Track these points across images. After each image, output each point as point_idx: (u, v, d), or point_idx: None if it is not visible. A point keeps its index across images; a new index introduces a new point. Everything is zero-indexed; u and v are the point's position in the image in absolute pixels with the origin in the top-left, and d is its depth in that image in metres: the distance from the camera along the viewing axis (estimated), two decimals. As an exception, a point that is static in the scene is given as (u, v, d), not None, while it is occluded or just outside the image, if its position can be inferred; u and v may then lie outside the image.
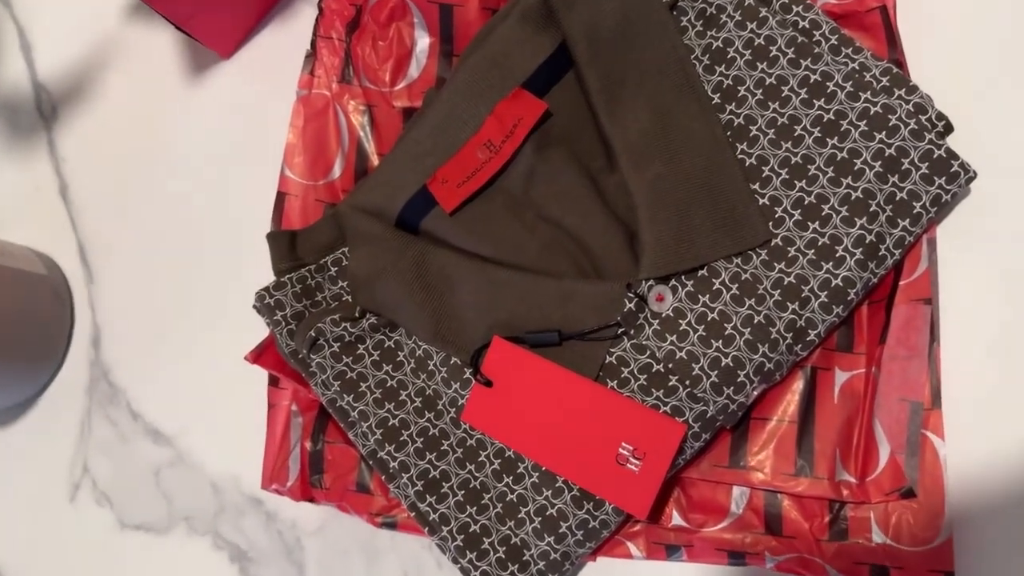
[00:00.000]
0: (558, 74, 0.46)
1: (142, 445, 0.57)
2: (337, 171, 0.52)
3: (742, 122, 0.44)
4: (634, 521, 0.44)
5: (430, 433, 0.45)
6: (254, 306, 0.47)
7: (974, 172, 0.41)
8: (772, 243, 0.42)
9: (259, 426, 0.52)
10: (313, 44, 0.52)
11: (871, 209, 0.41)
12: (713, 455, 0.44)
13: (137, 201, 0.58)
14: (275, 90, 0.55)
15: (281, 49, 0.56)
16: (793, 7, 0.45)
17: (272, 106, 0.54)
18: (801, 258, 0.42)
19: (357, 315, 0.46)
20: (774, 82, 0.44)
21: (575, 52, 0.44)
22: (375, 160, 0.51)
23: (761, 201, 0.43)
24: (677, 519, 0.44)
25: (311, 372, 0.47)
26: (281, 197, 0.51)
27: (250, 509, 0.54)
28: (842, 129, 0.42)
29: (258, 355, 0.49)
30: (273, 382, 0.51)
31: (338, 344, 0.46)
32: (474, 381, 0.43)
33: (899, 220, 0.41)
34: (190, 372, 0.54)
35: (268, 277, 0.49)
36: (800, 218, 0.42)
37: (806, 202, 0.42)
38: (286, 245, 0.48)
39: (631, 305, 0.41)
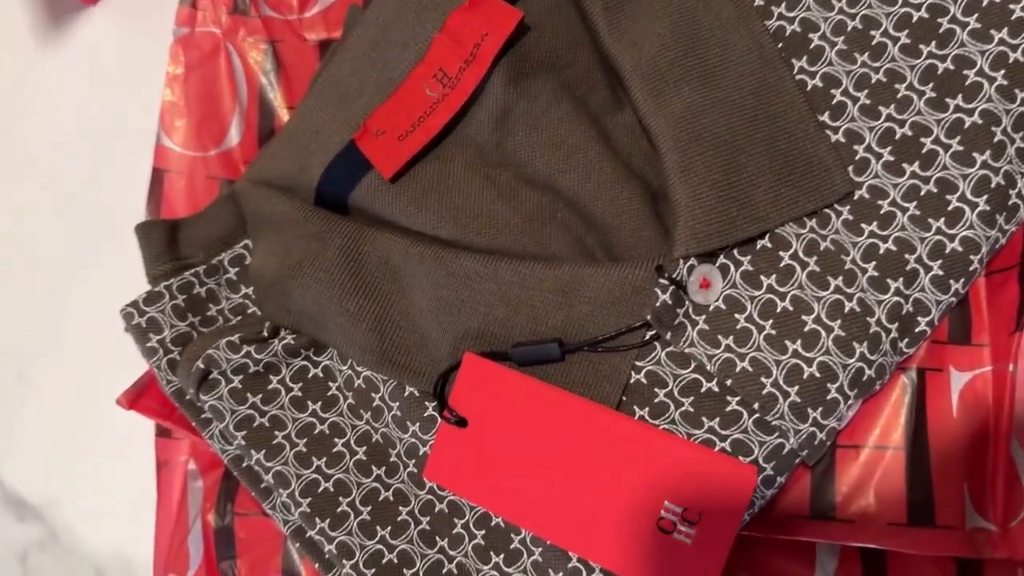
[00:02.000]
0: (534, -27, 0.33)
1: (2, 522, 0.41)
2: (234, 136, 0.38)
3: (797, 29, 0.31)
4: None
5: (380, 498, 0.31)
6: (124, 329, 0.33)
7: None
8: (856, 196, 0.29)
9: (150, 492, 0.38)
10: (193, -35, 0.38)
11: (995, 139, 0.29)
12: (788, 502, 0.31)
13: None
14: (153, 34, 0.40)
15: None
16: None
17: (151, 55, 0.40)
18: (899, 215, 0.29)
19: (266, 334, 0.32)
20: (838, -29, 0.31)
21: (556, -60, 0.31)
22: (285, 116, 0.38)
23: (834, 138, 0.30)
24: (740, 596, 0.31)
25: (204, 419, 0.33)
26: (158, 175, 0.38)
27: (146, 603, 0.39)
28: (941, 30, 0.30)
29: (136, 397, 0.35)
30: (162, 432, 0.37)
31: (240, 377, 0.32)
32: (439, 419, 0.30)
33: (1037, 151, 0.29)
34: (59, 422, 0.42)
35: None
36: (892, 159, 0.29)
37: (898, 135, 0.29)
38: (163, 240, 0.34)
39: (665, 296, 0.28)
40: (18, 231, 0.43)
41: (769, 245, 0.29)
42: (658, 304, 0.28)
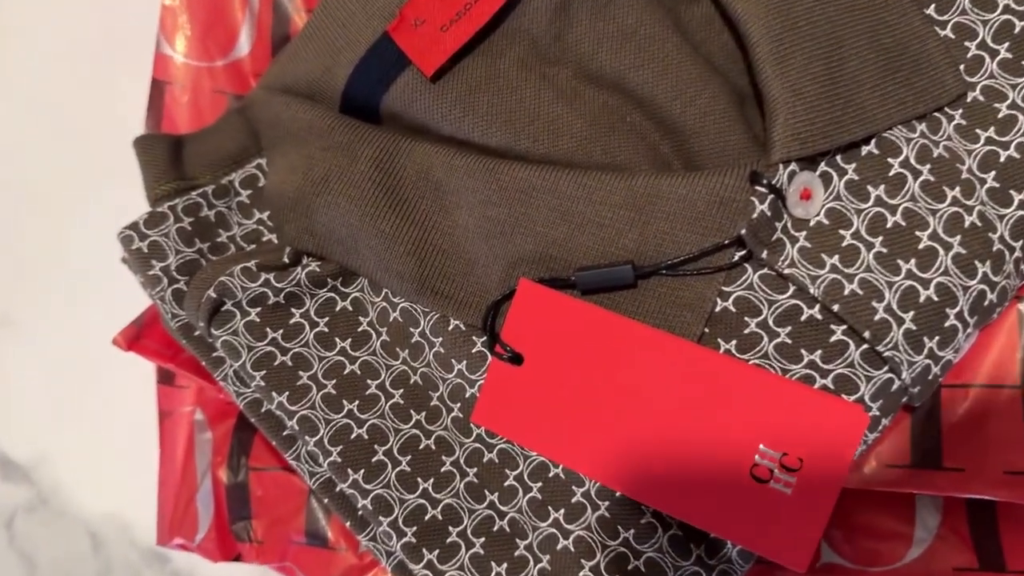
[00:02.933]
0: None
1: (-14, 483, 0.39)
2: (244, 44, 0.33)
3: (899, -98, 0.27)
4: (759, 565, 0.28)
5: (421, 446, 0.27)
6: (122, 258, 0.29)
7: None
8: (968, 98, 0.25)
9: (152, 447, 0.34)
10: None
11: None
12: (885, 449, 0.27)
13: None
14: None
15: None
16: None
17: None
18: (1021, 118, 0.25)
19: (287, 260, 0.28)
20: None
21: None
22: (302, 20, 0.33)
23: (942, 33, 0.26)
24: (829, 555, 0.27)
25: (215, 359, 0.28)
26: (159, 87, 0.33)
27: (148, 570, 0.36)
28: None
29: (135, 336, 0.31)
30: (165, 379, 0.33)
31: (257, 309, 0.28)
32: (490, 356, 0.26)
33: None
34: (48, 369, 0.38)
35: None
36: (1010, 56, 0.26)
37: (1017, 28, 0.26)
38: (166, 156, 0.30)
39: (763, 207, 0.24)
40: (12, 155, 0.38)
41: (876, 151, 0.25)
42: (755, 216, 0.24)
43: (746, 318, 0.25)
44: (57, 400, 0.37)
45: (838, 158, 0.25)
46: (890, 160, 0.25)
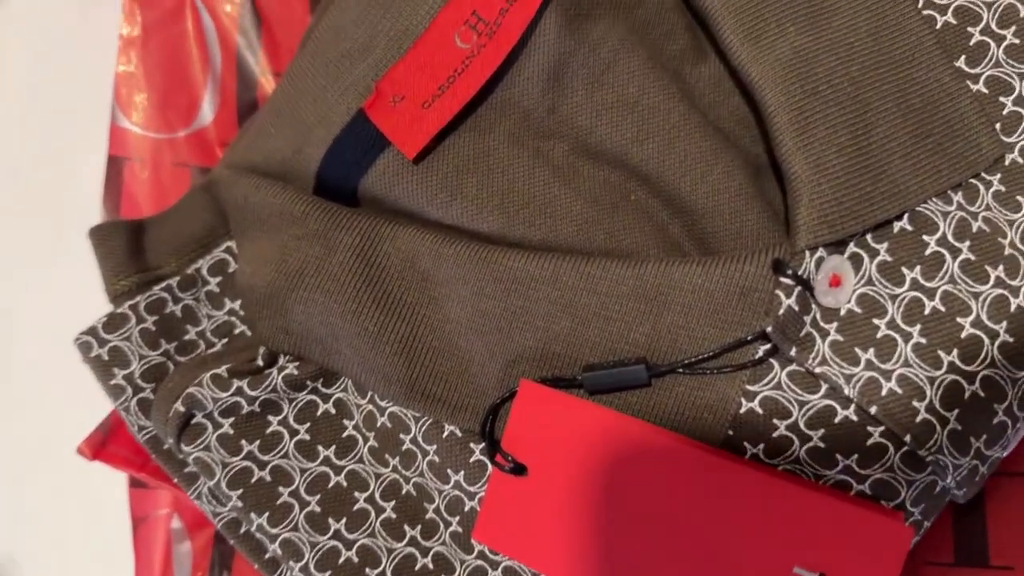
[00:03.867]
0: None
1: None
2: (207, 112, 0.31)
3: (923, -51, 0.24)
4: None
5: (418, 566, 0.25)
6: (84, 360, 0.27)
7: None
8: (1007, 161, 0.23)
9: (127, 553, 0.31)
10: (144, -101, 0.31)
11: None
12: (923, 542, 0.25)
13: None
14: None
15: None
16: None
17: (108, 8, 0.32)
18: (1065, 182, 0.23)
19: (261, 363, 0.25)
20: None
21: None
22: (270, 85, 0.30)
23: (974, 88, 0.24)
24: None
25: (188, 475, 0.26)
26: (116, 164, 0.30)
27: None
28: (1112, -57, 0.23)
29: (101, 444, 0.29)
30: (137, 481, 0.30)
31: (231, 420, 0.25)
32: (491, 466, 0.23)
33: None
34: (13, 471, 0.34)
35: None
36: (1052, 111, 0.23)
37: (1059, 81, 0.23)
38: (125, 247, 0.27)
39: (790, 300, 0.21)
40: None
41: (910, 228, 0.22)
42: (782, 312, 0.21)
43: (774, 420, 0.22)
44: (23, 503, 0.34)
45: (868, 237, 0.22)
46: (925, 238, 0.22)
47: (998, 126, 0.24)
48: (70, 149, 0.32)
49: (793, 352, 0.22)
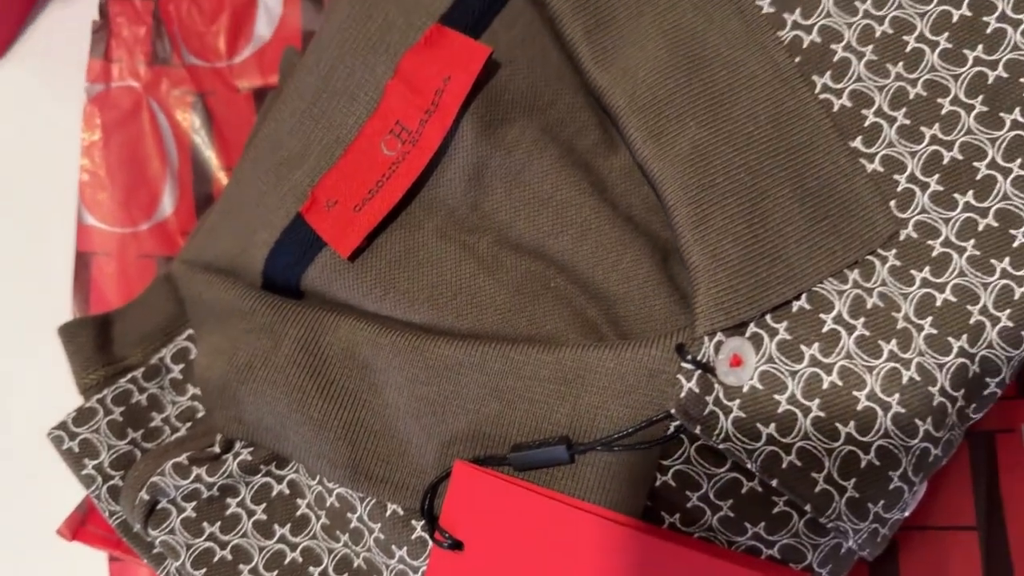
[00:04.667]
0: (500, -4, 0.27)
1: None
2: (167, 205, 0.33)
3: (817, 39, 0.26)
4: None
5: (370, 636, 0.27)
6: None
7: None
8: (902, 236, 0.25)
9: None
10: (103, 10, 0.33)
11: (1066, 157, 0.24)
12: (844, 596, 0.26)
13: None
14: (69, 90, 0.35)
15: (74, 30, 0.35)
16: None
17: (69, 115, 0.34)
18: (956, 257, 0.24)
19: (218, 449, 0.27)
20: (859, -34, 0.26)
21: (523, -45, 0.26)
22: (224, 178, 0.32)
23: (869, 167, 0.25)
24: None
25: (156, 556, 0.28)
26: (84, 260, 0.32)
27: None
28: (989, 31, 0.25)
29: (79, 523, 0.30)
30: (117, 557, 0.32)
31: (192, 504, 0.27)
32: (431, 542, 0.25)
33: (1117, 169, 0.24)
34: None
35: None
36: (940, 188, 0.25)
37: (946, 159, 0.25)
38: (91, 343, 0.29)
39: (690, 384, 0.23)
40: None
41: (807, 307, 0.24)
42: (683, 395, 0.23)
43: (687, 492, 0.24)
44: None
45: (767, 318, 0.24)
46: (822, 316, 0.24)
47: (893, 203, 0.25)
48: (40, 248, 0.34)
49: (698, 430, 0.23)
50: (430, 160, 0.25)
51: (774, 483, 0.23)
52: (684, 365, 0.23)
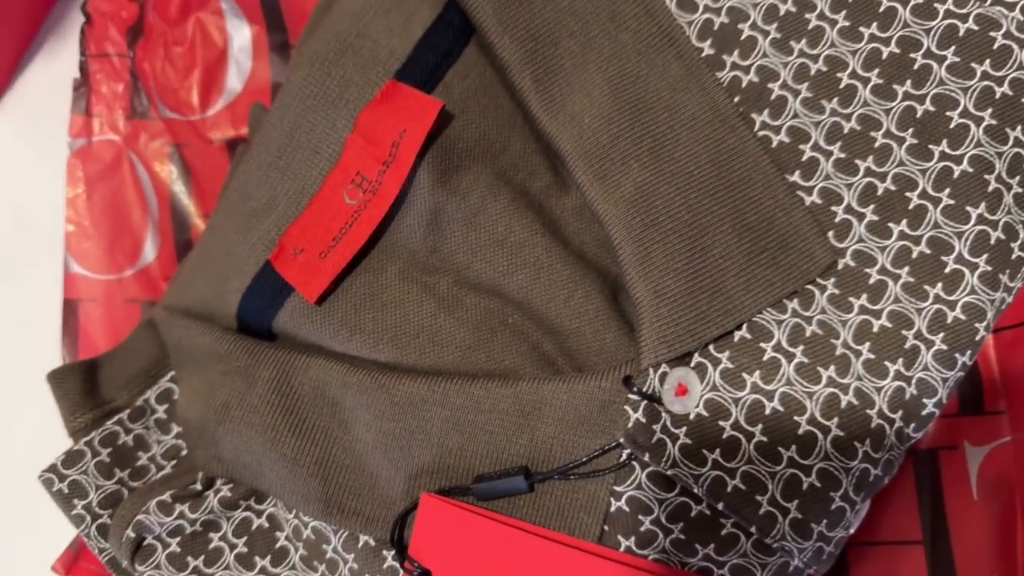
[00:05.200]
0: (452, 49, 0.29)
1: None
2: (150, 251, 0.34)
3: (755, 79, 0.27)
4: None
5: (348, 661, 0.28)
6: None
7: None
8: (840, 265, 0.26)
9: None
10: (83, 68, 0.35)
11: (989, 188, 0.25)
12: (799, 611, 0.28)
13: None
14: (54, 142, 0.36)
15: (60, 84, 0.37)
16: None
17: (54, 167, 0.36)
18: (891, 284, 0.26)
19: (199, 486, 0.29)
20: (792, 8, 0.27)
21: (472, 9, 0.27)
22: (201, 224, 0.34)
23: (808, 200, 0.27)
24: None
25: (143, 590, 0.29)
26: (71, 307, 0.34)
27: None
28: (916, 67, 0.26)
29: (73, 560, 0.32)
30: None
31: (177, 539, 0.28)
32: (401, 571, 0.26)
33: (1039, 197, 0.25)
34: None
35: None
36: (876, 218, 0.26)
37: (880, 191, 0.26)
38: (80, 387, 0.31)
39: (636, 415, 0.24)
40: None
41: (748, 336, 0.25)
42: (630, 425, 0.24)
43: (640, 516, 0.25)
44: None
45: (711, 347, 0.25)
46: (763, 345, 0.25)
47: (831, 233, 0.26)
48: (29, 296, 0.35)
49: (647, 457, 0.25)
50: (390, 207, 0.27)
51: (720, 506, 0.24)
52: (631, 396, 0.25)
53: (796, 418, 0.25)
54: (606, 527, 0.26)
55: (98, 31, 0.34)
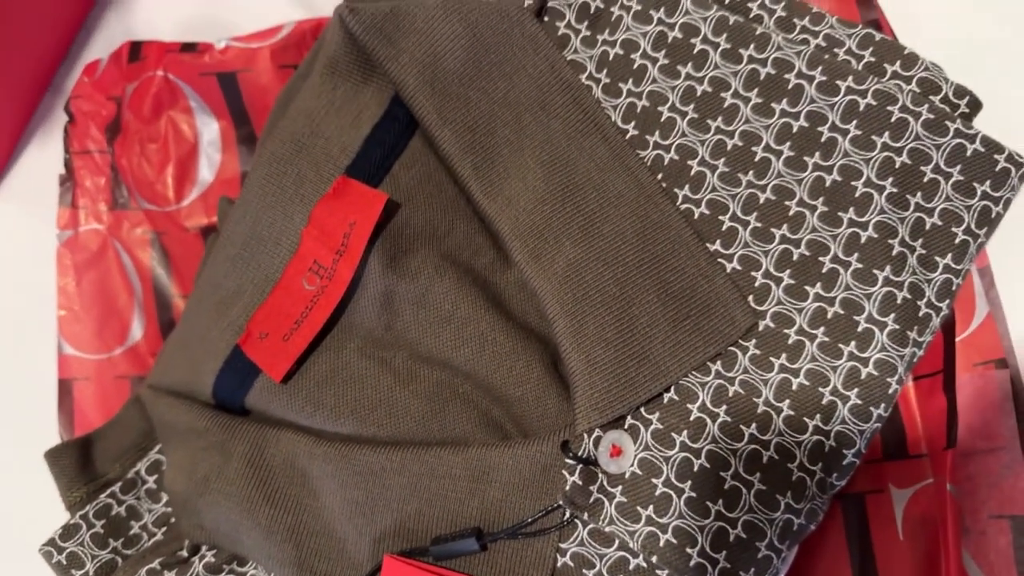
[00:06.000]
0: (398, 143, 0.31)
1: None
2: (137, 331, 0.37)
3: (675, 157, 0.30)
4: None
5: None
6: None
7: (1030, 162, 0.28)
8: (760, 327, 0.28)
9: None
10: (68, 165, 0.37)
11: (893, 252, 0.28)
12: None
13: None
14: (44, 226, 0.39)
15: (48, 176, 0.40)
16: (711, -25, 0.31)
17: (44, 252, 0.39)
18: (808, 344, 0.28)
19: (186, 553, 0.31)
20: (708, 88, 0.30)
21: (415, 105, 0.30)
22: (181, 303, 0.37)
23: (729, 267, 0.29)
24: None
25: (137, 653, 0.31)
26: (66, 386, 0.36)
27: None
28: (823, 140, 0.29)
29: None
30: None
31: (166, 605, 0.31)
32: (370, 628, 0.29)
33: (937, 258, 0.28)
34: None
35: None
36: (792, 282, 0.28)
37: (795, 256, 0.28)
38: (74, 464, 0.33)
39: (573, 477, 0.27)
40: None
41: (676, 398, 0.28)
42: (568, 487, 0.27)
43: (584, 570, 0.27)
44: None
45: (642, 410, 0.27)
46: (689, 406, 0.27)
47: (751, 297, 0.28)
48: (26, 378, 0.38)
49: (586, 516, 0.27)
50: (345, 291, 0.29)
51: (653, 560, 0.26)
52: (568, 461, 0.27)
53: (722, 474, 0.27)
54: (554, 582, 0.28)
55: (80, 130, 0.37)
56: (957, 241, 0.27)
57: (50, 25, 0.40)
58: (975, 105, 0.29)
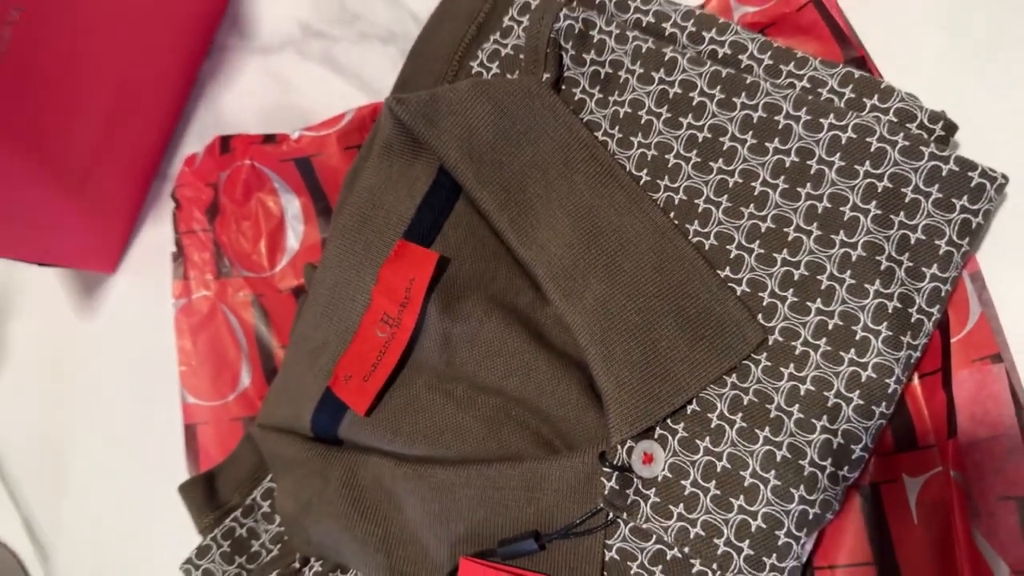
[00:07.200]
0: (446, 206, 0.37)
1: None
2: (245, 379, 0.43)
3: (683, 197, 0.34)
4: None
5: None
6: None
7: (1003, 176, 0.30)
8: (770, 341, 0.32)
9: None
10: (178, 243, 0.45)
11: (882, 267, 0.31)
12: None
13: (72, 463, 0.49)
14: (163, 300, 0.47)
15: (164, 247, 0.48)
16: (703, 34, 0.35)
17: (164, 317, 0.46)
18: (813, 353, 0.31)
19: (297, 565, 0.37)
20: (708, 135, 0.34)
21: (457, 173, 0.35)
22: (280, 352, 0.43)
23: (739, 290, 0.33)
24: None
25: (264, 649, 0.38)
26: (191, 431, 0.43)
27: None
28: (813, 172, 0.32)
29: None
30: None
31: (284, 608, 0.37)
32: (453, 620, 0.34)
33: (923, 269, 0.31)
34: None
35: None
36: (795, 299, 0.32)
37: (796, 276, 0.32)
38: (201, 495, 0.40)
39: (611, 483, 0.31)
40: (83, 497, 0.49)
41: (698, 409, 0.32)
42: (606, 492, 0.31)
43: (628, 563, 0.32)
44: None
45: (669, 421, 0.32)
46: (709, 415, 0.31)
47: (760, 316, 0.32)
48: (155, 426, 0.45)
49: (625, 516, 0.31)
50: (411, 336, 0.35)
51: (686, 551, 0.30)
52: (605, 469, 0.31)
53: (741, 473, 0.31)
54: (605, 573, 0.32)
55: (185, 213, 0.45)
56: (941, 252, 0.31)
57: (157, 119, 0.48)
58: (950, 128, 0.32)
